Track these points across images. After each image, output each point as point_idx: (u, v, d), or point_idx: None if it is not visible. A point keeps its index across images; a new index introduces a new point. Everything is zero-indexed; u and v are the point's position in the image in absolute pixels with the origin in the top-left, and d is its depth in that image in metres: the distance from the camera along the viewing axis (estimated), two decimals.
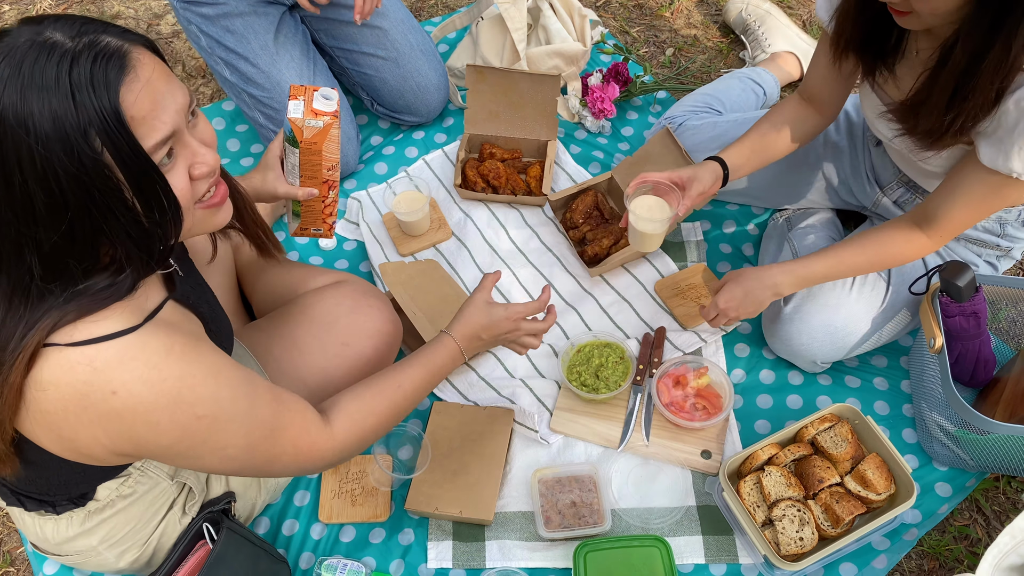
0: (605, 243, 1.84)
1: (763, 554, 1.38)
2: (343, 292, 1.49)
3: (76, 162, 0.85)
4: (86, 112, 0.84)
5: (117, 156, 0.87)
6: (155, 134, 0.90)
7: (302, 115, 1.33)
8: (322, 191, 1.42)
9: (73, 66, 0.84)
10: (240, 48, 1.84)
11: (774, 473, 1.45)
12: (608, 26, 2.43)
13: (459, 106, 2.18)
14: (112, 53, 0.87)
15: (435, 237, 1.93)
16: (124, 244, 0.93)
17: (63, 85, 0.84)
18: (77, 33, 0.87)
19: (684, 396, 1.62)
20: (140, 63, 0.90)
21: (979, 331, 1.55)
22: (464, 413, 1.64)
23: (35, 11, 2.50)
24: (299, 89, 1.36)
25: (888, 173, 1.64)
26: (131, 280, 0.96)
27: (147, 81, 0.90)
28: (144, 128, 0.89)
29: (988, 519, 1.56)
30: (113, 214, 0.89)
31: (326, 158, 1.38)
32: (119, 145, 0.87)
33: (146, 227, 0.93)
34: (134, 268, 0.95)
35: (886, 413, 1.66)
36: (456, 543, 1.52)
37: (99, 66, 0.86)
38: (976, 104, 1.20)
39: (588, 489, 1.54)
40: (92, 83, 0.85)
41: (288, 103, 1.35)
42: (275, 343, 1.42)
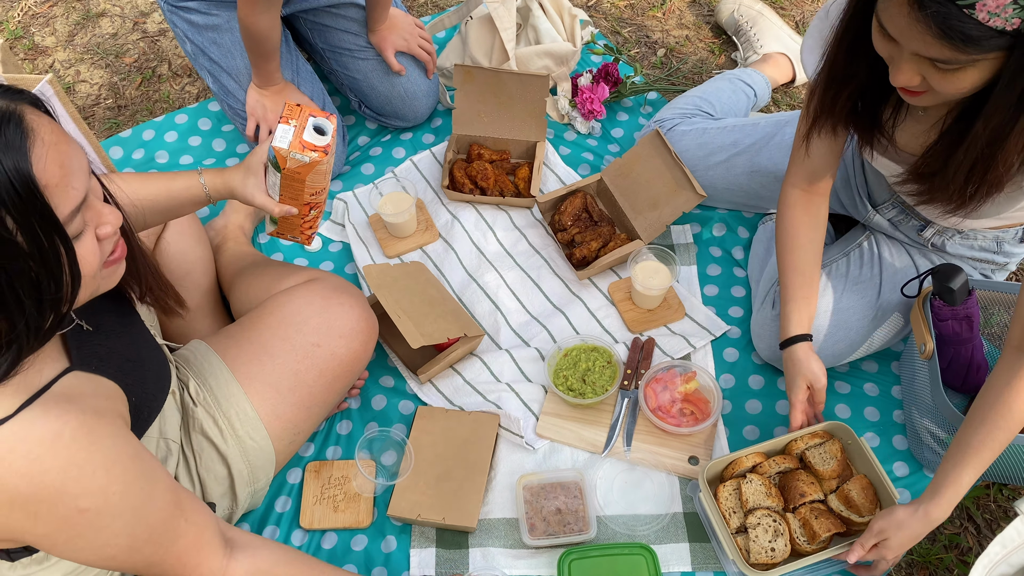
0: (594, 246, 1.81)
1: (732, 560, 1.36)
2: (313, 290, 1.46)
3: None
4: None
5: (28, 230, 0.81)
6: (69, 202, 0.85)
7: (288, 146, 1.23)
8: (302, 211, 1.37)
9: None
10: (224, 62, 1.83)
11: (755, 481, 1.43)
12: (599, 26, 2.41)
13: (447, 106, 2.16)
14: (8, 116, 0.81)
15: (422, 239, 1.90)
16: (15, 323, 0.85)
17: None
18: None
19: (671, 401, 1.60)
20: (39, 124, 0.83)
21: (971, 335, 1.53)
22: (449, 418, 1.61)
23: (20, 9, 2.47)
24: (293, 110, 1.24)
25: (883, 193, 1.59)
26: (11, 360, 0.87)
27: (51, 144, 0.84)
28: (57, 196, 0.83)
29: (979, 527, 1.54)
30: (13, 293, 0.83)
31: (309, 186, 1.31)
32: (31, 218, 0.81)
33: (43, 302, 0.86)
34: (18, 346, 0.87)
35: (876, 419, 1.64)
36: (439, 550, 1.49)
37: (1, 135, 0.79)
38: (1000, 173, 1.13)
39: (574, 496, 1.51)
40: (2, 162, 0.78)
41: (278, 124, 1.24)
42: (244, 348, 1.39)
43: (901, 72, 1.09)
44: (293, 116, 1.24)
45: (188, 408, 1.34)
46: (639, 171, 1.84)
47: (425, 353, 1.70)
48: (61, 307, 0.89)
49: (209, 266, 1.62)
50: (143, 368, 1.14)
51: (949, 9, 0.96)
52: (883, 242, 1.61)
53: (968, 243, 1.53)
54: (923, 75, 1.08)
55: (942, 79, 1.06)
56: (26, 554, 1.09)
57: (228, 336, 1.43)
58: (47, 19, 2.46)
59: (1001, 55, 1.01)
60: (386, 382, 1.71)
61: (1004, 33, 0.97)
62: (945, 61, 1.02)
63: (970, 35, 0.97)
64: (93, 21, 2.45)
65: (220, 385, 1.36)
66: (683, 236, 1.90)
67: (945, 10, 0.96)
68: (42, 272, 0.85)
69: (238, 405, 1.35)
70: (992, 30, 0.96)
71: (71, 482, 0.89)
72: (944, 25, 0.97)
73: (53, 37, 2.42)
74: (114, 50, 2.38)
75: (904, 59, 1.08)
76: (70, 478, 0.89)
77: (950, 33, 0.98)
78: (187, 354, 1.40)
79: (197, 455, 1.32)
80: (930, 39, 1.00)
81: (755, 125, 1.80)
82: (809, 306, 1.50)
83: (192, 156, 2.09)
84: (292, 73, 1.91)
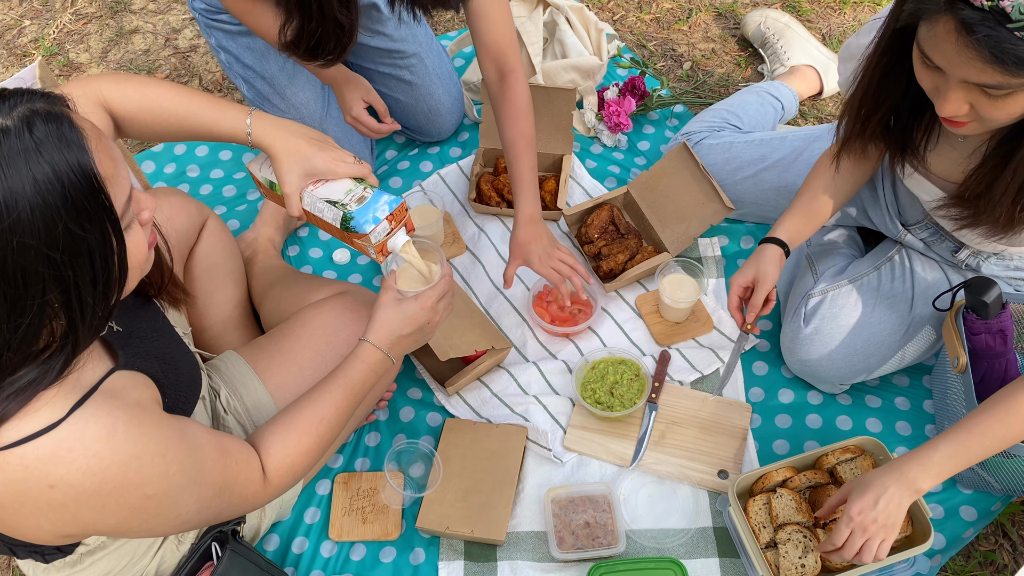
0: (620, 258, 1.81)
1: (761, 575, 1.35)
2: (343, 304, 1.47)
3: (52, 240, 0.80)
4: (63, 182, 0.80)
5: (94, 224, 0.83)
6: (122, 193, 0.87)
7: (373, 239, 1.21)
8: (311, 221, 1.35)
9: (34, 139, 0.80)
10: (258, 67, 1.84)
11: (785, 496, 1.41)
12: (625, 40, 2.41)
13: (474, 120, 2.17)
14: (58, 116, 0.83)
15: (449, 252, 1.91)
16: (75, 320, 0.87)
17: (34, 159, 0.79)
18: (10, 108, 0.81)
19: (561, 308, 1.76)
20: (82, 121, 0.86)
21: (1005, 349, 1.51)
22: (476, 430, 1.61)
23: (55, 26, 2.52)
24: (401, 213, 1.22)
25: (915, 214, 1.55)
26: (65, 358, 0.89)
27: (97, 138, 0.86)
28: (115, 187, 0.85)
29: (1015, 544, 1.52)
30: (76, 290, 0.84)
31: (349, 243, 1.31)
32: (96, 211, 0.83)
33: (100, 296, 0.88)
34: (74, 343, 0.89)
35: (908, 434, 1.62)
36: (467, 563, 1.49)
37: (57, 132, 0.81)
38: None
39: (602, 509, 1.51)
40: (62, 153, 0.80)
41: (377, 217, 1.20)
42: (275, 360, 1.41)
43: (948, 102, 1.07)
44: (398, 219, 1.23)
45: (219, 416, 1.36)
46: (666, 184, 1.84)
47: (453, 365, 1.70)
48: (113, 300, 0.91)
49: (240, 278, 1.64)
50: (177, 370, 1.16)
51: (1000, 33, 0.94)
52: (915, 256, 1.60)
53: (1004, 263, 1.51)
54: (971, 103, 1.05)
55: (991, 106, 1.04)
56: (59, 555, 1.12)
57: (259, 347, 1.44)
58: (81, 36, 2.51)
59: None
60: (414, 394, 1.72)
61: None
62: (996, 86, 1.00)
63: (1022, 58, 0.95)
64: (126, 38, 2.49)
65: (250, 395, 1.37)
66: (710, 249, 1.89)
67: (997, 34, 0.94)
68: (101, 265, 0.87)
69: (268, 416, 1.36)
70: None
71: (132, 473, 0.93)
72: (996, 49, 0.95)
73: (87, 54, 2.46)
74: (146, 66, 2.42)
75: (951, 88, 1.06)
76: (131, 470, 0.92)
77: (1003, 57, 0.96)
78: (219, 364, 1.42)
79: None
80: (981, 65, 0.98)
81: (783, 139, 1.80)
82: (804, 224, 1.50)
83: (223, 170, 2.12)
84: (325, 95, 1.92)
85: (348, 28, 1.45)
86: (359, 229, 1.20)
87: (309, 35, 1.44)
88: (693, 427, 1.62)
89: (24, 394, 0.87)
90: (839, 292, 1.59)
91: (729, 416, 1.63)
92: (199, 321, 1.56)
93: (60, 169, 0.80)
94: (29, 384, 0.87)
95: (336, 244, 1.96)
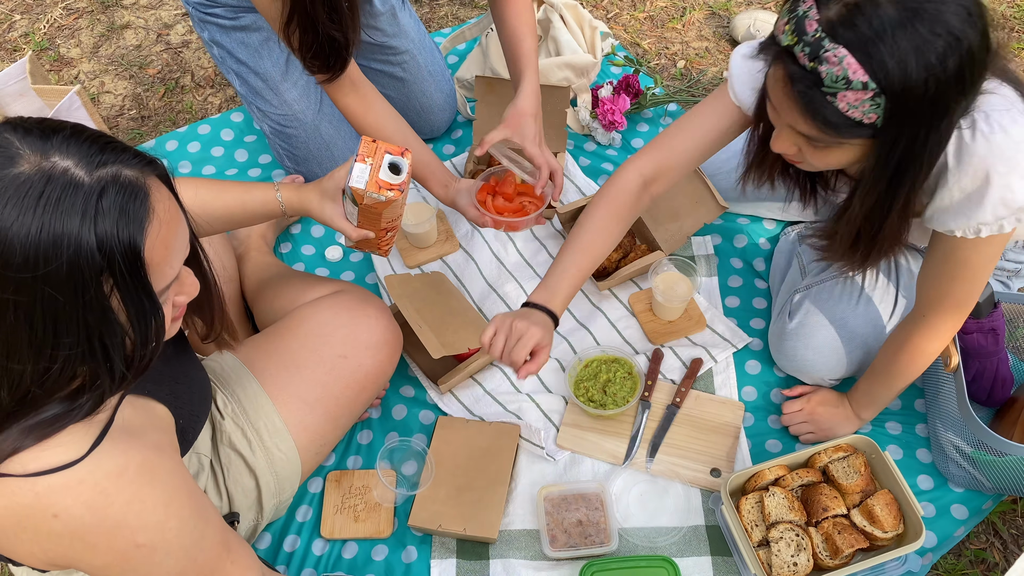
0: (614, 257, 1.81)
1: (754, 573, 1.35)
2: (339, 302, 1.47)
3: (81, 302, 0.80)
4: (107, 257, 0.80)
5: (127, 299, 0.83)
6: (165, 280, 0.88)
7: (364, 186, 1.25)
8: (379, 234, 1.40)
9: (99, 206, 0.79)
10: (251, 62, 1.83)
11: (778, 494, 1.42)
12: (618, 38, 2.41)
13: (468, 118, 2.17)
14: (136, 190, 0.83)
15: (442, 249, 1.91)
16: (102, 369, 0.87)
17: (87, 225, 0.78)
18: (97, 164, 0.81)
19: (511, 199, 1.67)
20: (158, 202, 0.85)
21: (997, 349, 1.51)
22: (469, 428, 1.61)
23: (46, 21, 2.50)
24: (369, 147, 1.26)
25: None
26: (93, 404, 0.90)
27: (164, 224, 0.86)
28: (156, 273, 0.86)
29: (1005, 543, 1.52)
30: (103, 347, 0.85)
31: (387, 217, 1.34)
32: (132, 289, 0.83)
33: (130, 355, 0.89)
34: (101, 393, 0.90)
35: (900, 432, 1.62)
36: (460, 561, 1.49)
37: (124, 207, 0.81)
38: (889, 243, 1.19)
39: (595, 507, 1.51)
40: (117, 228, 0.80)
41: (354, 163, 1.25)
42: (272, 359, 1.40)
43: (779, 140, 1.13)
44: (369, 154, 1.26)
45: (216, 421, 1.34)
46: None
47: (445, 363, 1.70)
48: (141, 367, 0.91)
49: (233, 275, 1.63)
50: (190, 389, 1.15)
51: (814, 93, 1.00)
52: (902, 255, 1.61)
53: None
54: (799, 146, 1.11)
55: (814, 153, 1.10)
56: None
57: (255, 347, 1.43)
58: (72, 31, 2.49)
59: (868, 142, 1.04)
60: (406, 392, 1.71)
61: (864, 125, 1.00)
62: (813, 138, 1.06)
63: (831, 121, 1.01)
64: (117, 33, 2.48)
65: (248, 397, 1.36)
66: (704, 247, 1.90)
67: (811, 93, 1.01)
68: (132, 334, 0.87)
69: (267, 417, 1.35)
70: (852, 120, 1.00)
71: (132, 516, 0.92)
72: (811, 107, 1.01)
73: (78, 49, 2.45)
74: (138, 61, 2.40)
75: (782, 128, 1.12)
76: (132, 512, 0.91)
77: (815, 115, 1.02)
78: (214, 365, 1.41)
79: (225, 468, 1.33)
80: (798, 116, 1.04)
81: None
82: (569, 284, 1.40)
83: (214, 166, 2.11)
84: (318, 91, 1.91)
85: (344, 42, 1.45)
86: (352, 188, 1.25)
87: (306, 47, 1.44)
88: (686, 425, 1.62)
89: (45, 429, 0.87)
90: (823, 287, 1.59)
91: (722, 414, 1.63)
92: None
93: (107, 242, 0.80)
94: (53, 419, 0.88)
95: (329, 241, 1.96)
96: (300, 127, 1.89)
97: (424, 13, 2.52)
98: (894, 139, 1.02)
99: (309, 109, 1.89)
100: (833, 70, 0.97)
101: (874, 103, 0.98)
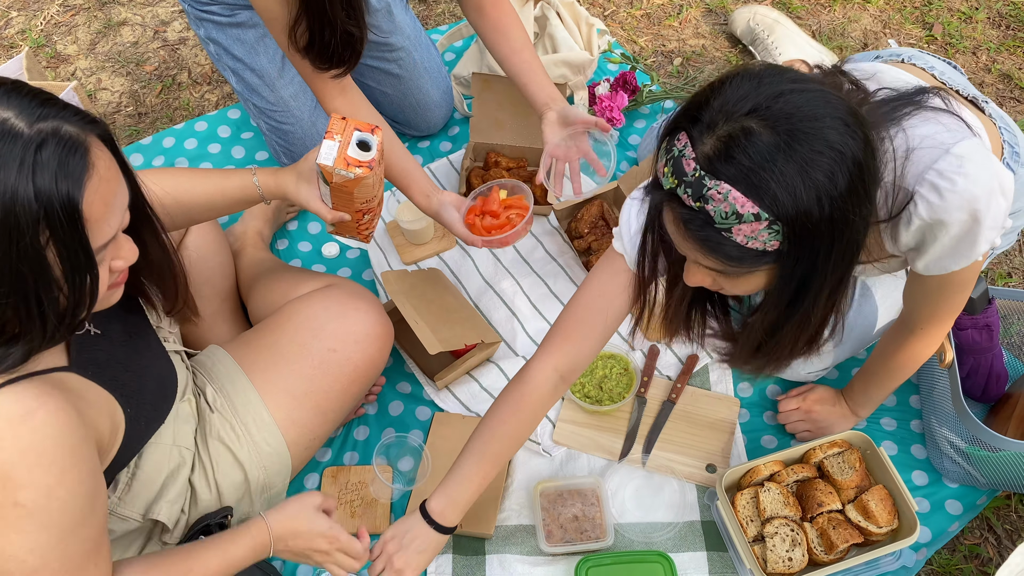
0: None
1: (749, 568, 1.35)
2: (329, 296, 1.46)
3: (15, 251, 0.81)
4: (44, 206, 0.81)
5: (63, 252, 0.84)
6: (103, 237, 0.88)
7: (332, 163, 1.23)
8: (355, 217, 1.38)
9: (37, 157, 0.80)
10: (247, 59, 1.83)
11: (773, 490, 1.42)
12: (615, 35, 2.41)
13: (464, 114, 2.17)
14: (76, 145, 0.83)
15: (439, 246, 1.91)
16: (34, 322, 0.87)
17: (25, 174, 0.80)
18: (37, 117, 0.82)
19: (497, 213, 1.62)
20: (99, 159, 0.86)
21: (991, 345, 1.52)
22: (466, 424, 1.61)
23: (43, 18, 2.50)
24: (338, 124, 1.25)
25: None
26: (21, 356, 0.89)
27: (104, 180, 0.86)
28: (94, 230, 0.86)
29: (999, 538, 1.53)
30: (37, 299, 0.85)
31: (358, 197, 1.32)
32: (68, 242, 0.84)
33: (63, 310, 0.88)
34: (28, 347, 0.89)
35: (894, 428, 1.63)
36: (456, 556, 1.49)
37: (63, 160, 0.82)
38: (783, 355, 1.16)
39: (591, 503, 1.51)
40: (56, 180, 0.81)
41: (323, 140, 1.24)
42: (261, 354, 1.40)
43: (691, 275, 1.09)
44: (338, 131, 1.24)
45: (204, 415, 1.35)
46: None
47: (442, 359, 1.70)
48: (73, 324, 0.91)
49: (229, 271, 1.63)
50: (142, 378, 1.13)
51: (708, 233, 0.96)
52: None
53: None
54: (713, 277, 1.08)
55: (729, 282, 1.07)
56: None
57: (245, 342, 1.44)
58: (69, 28, 2.49)
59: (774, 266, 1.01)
60: (403, 388, 1.72)
61: (768, 252, 0.96)
62: (722, 271, 1.03)
63: (732, 255, 0.97)
64: (114, 30, 2.48)
65: (237, 391, 1.36)
66: None
67: (704, 234, 0.96)
68: (66, 289, 0.87)
69: (255, 411, 1.36)
70: (754, 251, 0.96)
71: (22, 469, 0.87)
72: (709, 245, 0.97)
73: (75, 45, 2.45)
74: (135, 58, 2.40)
75: (691, 264, 1.08)
76: (24, 463, 0.87)
77: (716, 252, 0.98)
78: (204, 360, 1.41)
79: (214, 462, 1.33)
80: (700, 255, 1.01)
81: None
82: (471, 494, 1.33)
83: (212, 163, 2.11)
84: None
85: (360, 36, 1.45)
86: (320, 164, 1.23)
87: (325, 46, 1.43)
88: (682, 421, 1.63)
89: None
90: None
91: (717, 410, 1.64)
92: None
93: (45, 194, 0.81)
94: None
95: (325, 238, 1.96)
96: (296, 123, 1.90)
97: (421, 10, 2.52)
98: (797, 258, 0.98)
99: (305, 105, 1.89)
100: (721, 207, 0.93)
101: (771, 231, 0.93)
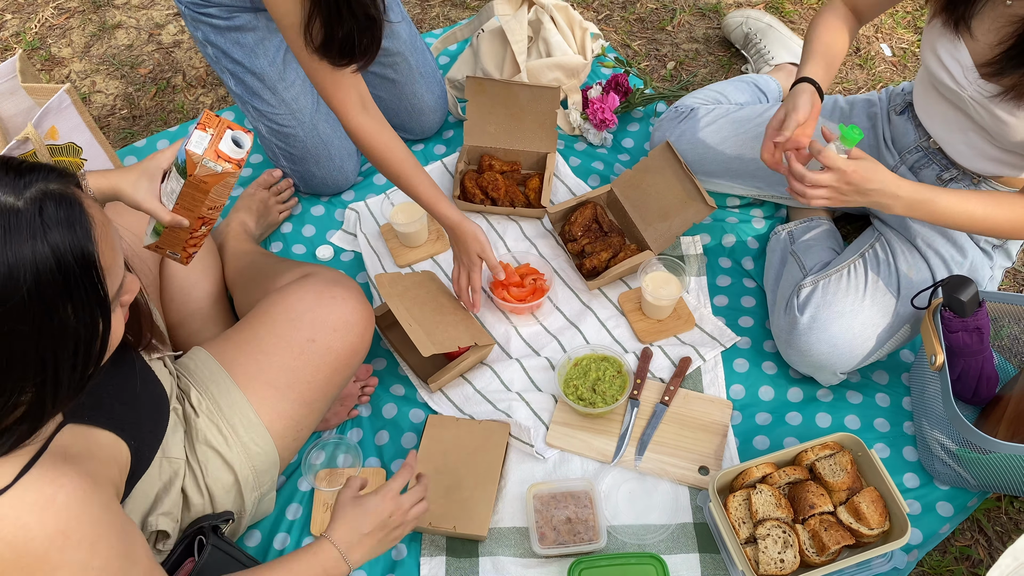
0: (604, 256, 1.82)
1: (741, 570, 1.36)
2: (305, 286, 1.44)
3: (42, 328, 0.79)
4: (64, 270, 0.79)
5: (83, 310, 0.82)
6: (116, 281, 0.86)
7: (202, 152, 1.17)
8: (194, 224, 1.27)
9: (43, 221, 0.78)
10: (247, 61, 1.83)
11: (765, 491, 1.43)
12: (609, 39, 2.42)
13: (459, 118, 2.18)
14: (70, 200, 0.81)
15: (433, 248, 1.92)
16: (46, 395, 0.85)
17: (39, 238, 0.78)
18: (22, 187, 0.80)
19: (517, 283, 1.79)
20: (90, 207, 0.84)
21: (982, 347, 1.53)
22: (459, 427, 1.62)
23: (37, 20, 2.50)
24: (212, 119, 1.20)
25: (908, 139, 1.64)
26: (29, 429, 0.87)
27: (102, 225, 0.85)
28: (110, 277, 0.85)
29: (990, 540, 1.54)
30: (55, 370, 0.83)
31: (211, 199, 1.24)
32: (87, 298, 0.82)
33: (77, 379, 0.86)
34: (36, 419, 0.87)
35: (887, 430, 1.64)
36: (449, 559, 1.49)
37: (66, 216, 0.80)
38: None
39: (584, 505, 1.52)
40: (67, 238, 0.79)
41: (193, 130, 1.18)
42: (241, 350, 1.39)
43: None
44: (211, 125, 1.19)
45: (190, 419, 1.33)
46: (649, 182, 1.85)
47: (436, 362, 1.71)
48: (88, 379, 0.89)
49: (216, 271, 1.63)
50: (137, 407, 1.13)
51: None
52: (897, 249, 1.62)
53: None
54: None
55: None
56: None
57: (226, 339, 1.42)
58: (64, 31, 2.49)
59: None
60: (396, 390, 1.72)
61: None
62: None
63: None
64: (109, 33, 2.48)
65: (222, 392, 1.35)
66: (693, 247, 1.91)
67: None
68: (84, 350, 0.85)
69: (241, 411, 1.35)
70: None
71: (55, 551, 0.87)
72: None
73: (69, 48, 2.45)
74: (129, 61, 2.41)
75: None
76: (55, 547, 0.87)
77: None
78: (187, 362, 1.40)
79: (203, 466, 1.32)
80: None
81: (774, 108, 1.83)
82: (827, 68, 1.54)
83: None
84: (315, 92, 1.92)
85: (379, 21, 1.44)
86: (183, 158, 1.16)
87: (345, 36, 1.42)
88: (674, 423, 1.63)
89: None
90: (829, 280, 1.61)
91: (710, 413, 1.64)
92: (176, 317, 1.55)
93: (62, 255, 0.79)
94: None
95: (320, 240, 1.96)
96: (299, 126, 1.90)
97: (415, 14, 2.52)
98: None
99: (307, 107, 1.89)
100: None
101: None
